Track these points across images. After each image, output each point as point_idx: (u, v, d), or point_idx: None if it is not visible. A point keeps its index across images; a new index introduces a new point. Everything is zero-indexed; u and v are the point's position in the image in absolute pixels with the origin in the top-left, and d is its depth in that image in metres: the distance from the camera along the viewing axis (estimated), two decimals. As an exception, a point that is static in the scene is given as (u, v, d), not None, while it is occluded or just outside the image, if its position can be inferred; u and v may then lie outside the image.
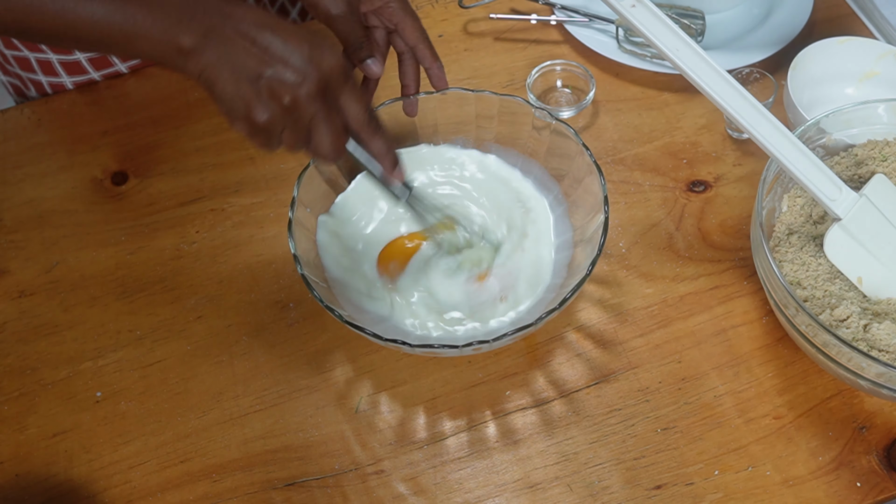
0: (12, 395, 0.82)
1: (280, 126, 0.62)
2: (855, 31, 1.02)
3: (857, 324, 0.70)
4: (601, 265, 0.85)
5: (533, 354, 0.80)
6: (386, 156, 0.69)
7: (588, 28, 1.02)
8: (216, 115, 0.99)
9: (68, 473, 0.77)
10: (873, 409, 0.75)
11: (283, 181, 0.93)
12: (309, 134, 0.63)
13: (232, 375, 0.81)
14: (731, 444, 0.74)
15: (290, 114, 0.61)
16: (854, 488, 0.72)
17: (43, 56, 1.01)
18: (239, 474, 0.76)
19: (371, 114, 0.67)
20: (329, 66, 0.61)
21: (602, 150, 0.93)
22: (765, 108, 0.70)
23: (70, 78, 1.03)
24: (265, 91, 0.60)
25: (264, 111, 0.60)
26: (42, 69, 1.02)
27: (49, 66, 1.02)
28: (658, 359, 0.79)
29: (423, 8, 1.08)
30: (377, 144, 0.68)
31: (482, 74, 1.01)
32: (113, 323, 0.85)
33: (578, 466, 0.74)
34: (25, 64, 1.02)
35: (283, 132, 0.62)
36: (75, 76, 1.03)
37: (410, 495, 0.74)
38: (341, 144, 0.65)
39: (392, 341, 0.69)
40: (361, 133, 0.67)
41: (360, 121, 0.66)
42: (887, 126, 0.81)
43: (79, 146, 0.99)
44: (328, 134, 0.63)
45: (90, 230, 0.92)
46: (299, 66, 0.60)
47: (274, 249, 0.89)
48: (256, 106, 0.60)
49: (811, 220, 0.78)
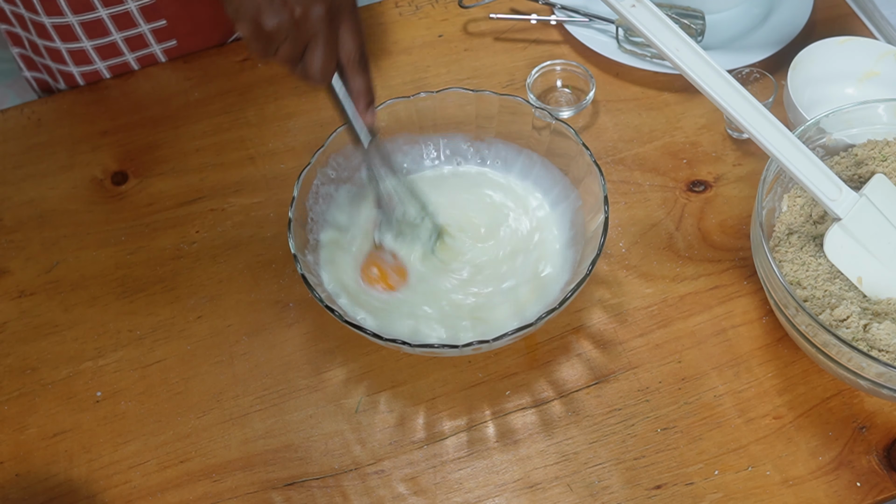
0: (12, 395, 0.82)
1: (282, 36, 0.63)
2: (855, 31, 1.02)
3: (857, 324, 0.70)
4: (601, 265, 0.85)
5: (533, 354, 0.80)
6: (363, 94, 0.71)
7: (588, 28, 1.02)
8: (216, 114, 1.00)
9: (68, 473, 0.77)
10: (873, 409, 0.75)
11: (283, 181, 0.93)
12: (304, 52, 0.65)
13: (232, 375, 0.81)
14: (731, 444, 0.74)
15: (295, 27, 0.63)
16: (854, 488, 0.72)
17: (76, 45, 1.01)
18: (239, 474, 0.76)
19: (363, 51, 0.69)
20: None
21: (602, 150, 0.93)
22: (765, 108, 0.70)
23: (104, 63, 1.03)
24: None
25: (273, 17, 0.62)
26: (74, 59, 1.02)
27: (83, 55, 1.02)
28: (658, 359, 0.79)
29: (423, 8, 1.08)
30: (358, 81, 0.70)
31: (482, 74, 1.01)
32: (113, 323, 0.85)
33: (578, 466, 0.74)
34: (56, 55, 1.02)
35: (283, 43, 0.64)
36: (110, 59, 1.03)
37: (410, 495, 0.74)
38: (331, 70, 0.67)
39: (392, 341, 0.69)
40: (348, 67, 0.68)
41: (352, 55, 0.68)
42: (887, 126, 0.81)
43: (79, 146, 0.99)
44: (322, 56, 0.65)
45: (90, 230, 0.92)
46: None
47: (274, 249, 0.89)
48: (267, 10, 0.62)
49: (811, 220, 0.78)
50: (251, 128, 0.99)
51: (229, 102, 1.01)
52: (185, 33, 1.03)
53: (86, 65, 1.03)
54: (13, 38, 1.06)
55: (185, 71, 1.05)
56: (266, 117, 0.99)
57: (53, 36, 1.00)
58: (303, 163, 0.92)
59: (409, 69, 1.02)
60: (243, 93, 1.02)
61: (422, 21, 1.07)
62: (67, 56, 1.02)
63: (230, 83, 1.03)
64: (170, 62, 1.05)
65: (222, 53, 1.06)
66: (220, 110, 1.00)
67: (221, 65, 1.05)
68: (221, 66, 1.04)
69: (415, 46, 1.05)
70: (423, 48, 1.04)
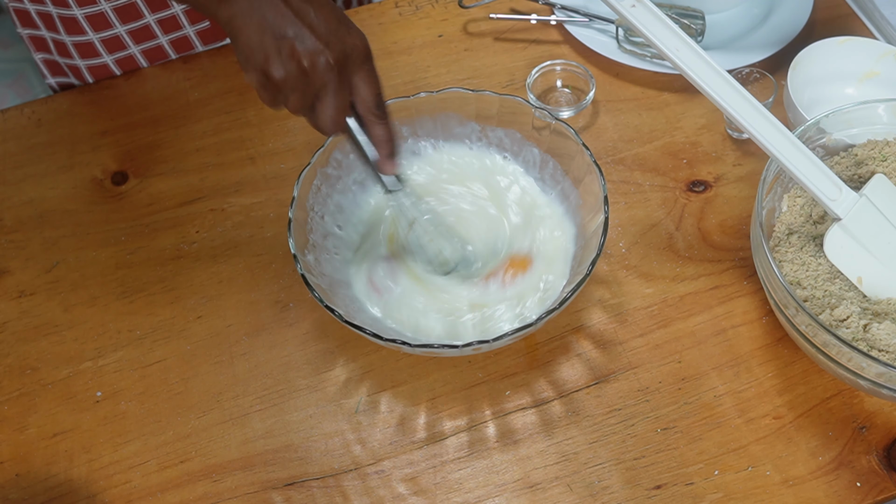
0: (12, 395, 0.82)
1: (291, 86, 0.64)
2: (855, 31, 1.02)
3: (857, 324, 0.70)
4: (601, 265, 0.85)
5: (533, 354, 0.80)
6: (386, 143, 0.70)
7: (588, 28, 1.02)
8: (216, 114, 1.00)
9: (68, 473, 0.77)
10: (873, 409, 0.75)
11: (283, 181, 0.93)
12: (315, 102, 0.65)
13: (232, 375, 0.81)
14: (731, 444, 0.74)
15: (303, 77, 0.63)
16: (854, 488, 0.72)
17: (110, 33, 1.01)
18: (239, 474, 0.76)
19: (380, 100, 0.68)
20: (352, 44, 0.64)
21: (602, 150, 0.93)
22: (765, 108, 0.70)
23: (138, 47, 1.03)
24: (286, 50, 0.62)
25: (280, 68, 0.62)
26: (107, 48, 1.02)
27: (118, 42, 1.02)
28: (658, 359, 0.79)
29: (423, 8, 1.08)
30: (379, 130, 0.70)
31: (482, 74, 1.01)
32: (113, 323, 0.85)
33: (578, 466, 0.74)
34: (87, 49, 1.02)
35: (292, 93, 0.64)
36: (144, 43, 1.03)
37: (410, 495, 0.74)
38: (341, 120, 0.68)
39: (392, 341, 0.69)
40: (367, 116, 0.69)
41: (370, 104, 0.68)
42: (887, 126, 0.81)
43: (79, 146, 0.99)
44: (332, 107, 0.65)
45: (90, 230, 0.92)
46: (324, 34, 0.63)
47: (274, 249, 0.89)
48: (275, 61, 0.62)
49: (811, 220, 0.78)
50: (251, 128, 0.99)
51: (229, 102, 1.01)
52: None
53: (119, 50, 1.03)
54: (36, 44, 1.06)
55: (185, 71, 1.05)
56: (266, 117, 0.99)
57: (86, 28, 1.00)
58: (303, 163, 0.92)
59: (409, 69, 1.02)
60: (243, 93, 1.02)
61: (422, 21, 1.07)
62: (101, 46, 1.01)
63: (230, 83, 1.03)
64: (170, 62, 1.06)
65: (222, 53, 1.06)
66: (220, 110, 1.00)
67: (221, 65, 1.05)
68: (221, 66, 1.04)
69: (415, 46, 1.05)
70: (423, 48, 1.04)
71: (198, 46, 1.06)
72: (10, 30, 2.29)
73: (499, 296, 0.78)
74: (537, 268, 0.80)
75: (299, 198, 0.77)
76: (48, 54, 1.06)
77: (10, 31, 2.29)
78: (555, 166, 0.83)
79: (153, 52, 1.04)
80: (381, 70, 1.01)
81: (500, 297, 0.78)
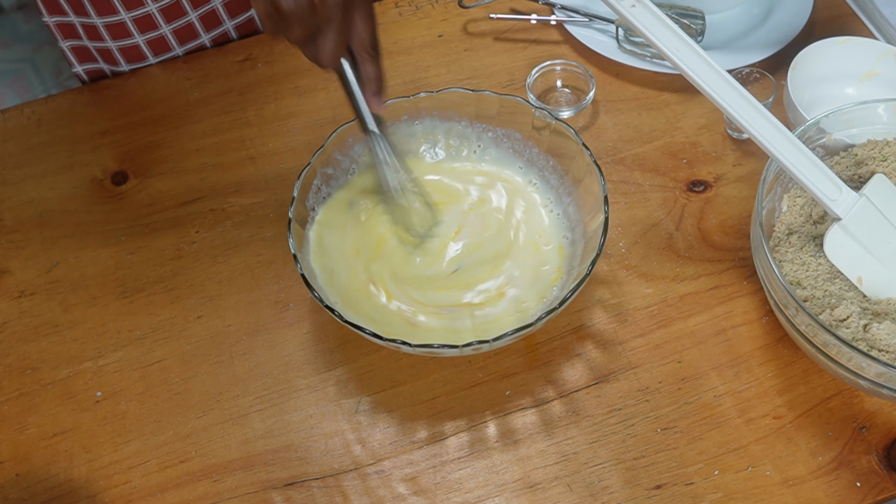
0: (12, 395, 0.82)
1: (296, 18, 0.64)
2: (855, 31, 1.02)
3: (857, 324, 0.70)
4: (601, 265, 0.85)
5: (533, 354, 0.80)
6: (373, 82, 0.71)
7: (588, 28, 1.02)
8: (216, 114, 1.00)
9: (68, 473, 0.77)
10: (873, 409, 0.75)
11: (283, 181, 0.93)
12: (315, 35, 0.66)
13: (232, 375, 0.81)
14: (731, 444, 0.74)
15: (310, 10, 0.64)
16: (854, 488, 0.72)
17: (143, 11, 1.01)
18: (239, 474, 0.76)
19: (375, 39, 0.69)
20: None
21: (602, 150, 0.93)
22: (765, 108, 0.70)
23: (169, 26, 1.03)
24: None
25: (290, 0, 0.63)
26: (139, 28, 1.02)
27: (150, 21, 1.02)
28: (658, 359, 0.79)
29: (423, 8, 1.08)
30: (369, 68, 0.70)
31: (482, 74, 1.01)
32: (113, 323, 0.85)
33: (578, 466, 0.74)
34: (119, 30, 1.02)
35: (296, 25, 0.64)
36: (175, 21, 1.03)
37: (410, 495, 0.74)
38: (339, 56, 0.68)
39: (392, 341, 0.69)
40: (361, 53, 0.69)
41: (364, 41, 0.69)
42: (887, 126, 0.81)
43: (79, 146, 0.99)
44: (332, 41, 0.66)
45: (90, 230, 0.92)
46: None
47: (274, 249, 0.89)
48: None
49: (811, 220, 0.78)
50: (251, 128, 0.99)
51: (229, 102, 1.01)
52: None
53: (151, 30, 1.03)
54: (64, 31, 1.05)
55: (185, 71, 1.05)
56: (266, 117, 0.99)
57: (118, 7, 1.00)
58: (303, 163, 0.92)
59: (409, 69, 1.02)
60: (243, 93, 1.02)
61: (422, 21, 1.07)
62: (132, 25, 1.01)
63: (230, 83, 1.03)
64: (169, 62, 1.06)
65: (222, 53, 1.06)
66: (220, 110, 1.00)
67: (221, 65, 1.05)
68: (221, 66, 1.04)
69: (415, 46, 1.05)
70: (423, 48, 1.04)
71: (226, 22, 1.06)
72: (11, 30, 2.29)
73: (498, 295, 0.78)
74: (535, 267, 0.80)
75: (299, 198, 0.77)
76: (77, 40, 1.05)
77: (11, 30, 2.29)
78: (555, 166, 0.83)
79: (183, 31, 1.04)
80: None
81: (499, 296, 0.78)
